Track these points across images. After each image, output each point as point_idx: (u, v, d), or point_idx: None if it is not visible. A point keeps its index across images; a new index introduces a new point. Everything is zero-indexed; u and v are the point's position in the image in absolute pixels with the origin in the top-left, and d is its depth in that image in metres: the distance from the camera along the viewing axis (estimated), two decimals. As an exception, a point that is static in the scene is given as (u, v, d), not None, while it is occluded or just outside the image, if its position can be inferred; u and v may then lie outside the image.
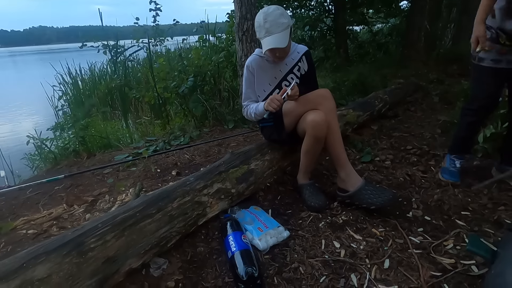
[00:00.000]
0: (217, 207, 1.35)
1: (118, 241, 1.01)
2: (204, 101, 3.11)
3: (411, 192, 1.61)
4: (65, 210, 1.68)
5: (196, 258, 1.21)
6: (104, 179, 2.06)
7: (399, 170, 1.83)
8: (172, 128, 3.17)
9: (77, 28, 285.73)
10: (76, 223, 1.53)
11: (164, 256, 1.18)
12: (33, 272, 0.84)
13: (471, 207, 1.44)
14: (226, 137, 2.65)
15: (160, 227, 1.13)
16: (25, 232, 1.47)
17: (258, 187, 1.60)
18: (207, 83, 3.34)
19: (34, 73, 11.38)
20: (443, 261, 1.13)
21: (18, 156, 3.08)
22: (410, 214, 1.43)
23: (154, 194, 1.23)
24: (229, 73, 3.68)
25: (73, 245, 0.94)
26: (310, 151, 1.53)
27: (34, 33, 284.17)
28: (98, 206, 1.70)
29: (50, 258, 0.89)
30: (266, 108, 1.46)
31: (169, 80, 3.24)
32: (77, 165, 2.42)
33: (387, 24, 7.17)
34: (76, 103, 5.07)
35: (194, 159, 2.26)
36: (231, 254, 1.12)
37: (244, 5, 2.76)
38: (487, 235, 1.25)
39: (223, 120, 3.10)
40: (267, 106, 1.46)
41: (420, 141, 2.23)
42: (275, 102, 1.43)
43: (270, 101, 1.44)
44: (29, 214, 1.66)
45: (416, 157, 1.98)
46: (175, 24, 3.80)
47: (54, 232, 1.45)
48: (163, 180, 1.95)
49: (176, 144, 2.63)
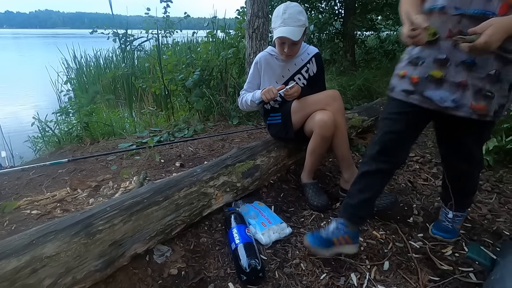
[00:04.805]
0: (222, 199, 1.36)
1: (125, 225, 1.03)
2: (210, 95, 3.12)
3: (412, 199, 1.63)
4: (68, 193, 1.68)
5: (199, 248, 1.22)
6: (108, 165, 2.07)
7: (401, 176, 1.85)
8: (176, 120, 3.18)
9: (83, 14, 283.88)
10: (80, 207, 1.54)
11: (168, 244, 1.20)
12: (42, 249, 0.86)
13: (470, 216, 1.46)
14: (230, 132, 2.66)
15: (167, 214, 1.14)
16: (28, 212, 1.48)
17: (262, 183, 1.61)
18: (214, 78, 3.35)
19: (38, 57, 11.33)
20: (442, 266, 1.15)
21: (18, 138, 3.07)
22: (410, 219, 1.45)
23: (162, 182, 1.24)
24: (236, 69, 3.68)
25: (82, 226, 0.95)
26: (316, 150, 1.55)
27: (39, 16, 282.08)
28: (102, 191, 1.71)
29: (59, 237, 0.90)
30: (262, 94, 1.50)
31: (176, 72, 3.25)
32: (80, 150, 2.42)
33: (395, 32, 7.19)
34: (80, 89, 5.06)
35: (197, 152, 2.27)
36: (235, 246, 1.13)
37: (256, 3, 2.77)
38: (486, 245, 1.28)
39: (228, 115, 3.11)
40: (263, 93, 1.50)
41: (423, 149, 2.26)
42: (270, 93, 1.47)
43: (266, 90, 1.49)
44: (32, 195, 1.67)
45: (418, 165, 2.00)
46: (185, 17, 3.80)
47: (58, 214, 1.46)
48: (166, 170, 1.95)
49: (180, 136, 2.64)
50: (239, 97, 1.73)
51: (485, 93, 0.90)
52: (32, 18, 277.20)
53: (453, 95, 0.93)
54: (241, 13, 4.01)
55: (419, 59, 0.98)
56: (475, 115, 0.92)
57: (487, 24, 0.78)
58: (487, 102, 0.91)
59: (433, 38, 0.92)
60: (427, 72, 0.97)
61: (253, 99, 1.60)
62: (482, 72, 0.89)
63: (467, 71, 0.91)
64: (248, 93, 1.68)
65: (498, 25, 0.78)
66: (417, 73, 0.99)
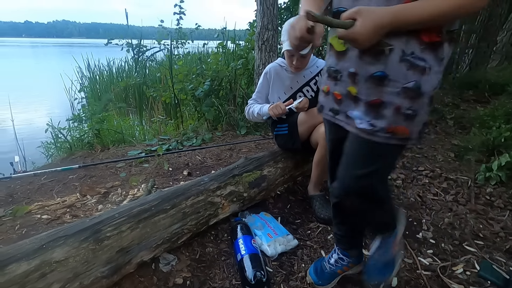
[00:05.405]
0: (228, 209, 1.37)
1: (133, 232, 1.04)
2: (219, 105, 3.16)
3: (421, 214, 1.60)
4: (78, 199, 1.71)
5: (204, 257, 1.22)
6: (117, 172, 2.10)
7: (410, 190, 1.83)
8: (185, 129, 3.22)
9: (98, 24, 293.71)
10: (89, 213, 1.56)
11: (173, 253, 1.20)
12: (52, 253, 0.87)
13: (482, 234, 1.43)
14: (238, 142, 2.68)
15: (173, 223, 1.15)
16: (39, 216, 1.51)
17: (269, 194, 1.61)
18: (223, 88, 3.40)
19: (54, 65, 11.70)
20: (452, 285, 1.12)
21: (31, 143, 3.15)
22: (420, 235, 1.42)
23: (169, 190, 1.26)
24: (245, 80, 3.74)
25: (91, 232, 0.96)
26: (321, 162, 1.54)
27: (57, 26, 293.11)
28: (110, 198, 1.73)
29: (68, 242, 0.91)
30: (269, 110, 1.55)
31: (187, 82, 3.32)
32: (91, 157, 2.47)
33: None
34: (93, 97, 5.19)
35: (205, 161, 2.29)
36: (241, 257, 1.13)
37: (266, 16, 2.83)
38: (498, 263, 1.24)
39: (236, 125, 3.14)
40: (270, 109, 1.54)
41: (432, 163, 2.22)
42: (278, 109, 1.51)
43: (274, 106, 1.53)
44: (43, 200, 1.70)
45: (428, 179, 1.97)
46: (197, 28, 3.91)
47: (67, 219, 1.48)
48: (174, 179, 1.97)
49: (188, 145, 2.67)
50: (246, 106, 1.75)
51: (405, 112, 0.72)
52: (50, 28, 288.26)
53: (367, 116, 0.76)
54: (253, 25, 4.09)
55: (337, 72, 0.82)
56: (395, 139, 0.74)
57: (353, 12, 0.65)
58: (408, 123, 0.73)
59: (344, 47, 0.78)
60: (346, 87, 0.80)
61: (260, 113, 1.62)
62: (397, 86, 0.71)
63: (379, 87, 0.73)
64: (256, 104, 1.70)
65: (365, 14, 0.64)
66: (338, 89, 0.82)
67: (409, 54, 0.69)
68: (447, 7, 0.64)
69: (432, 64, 0.70)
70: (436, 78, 0.72)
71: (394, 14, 0.65)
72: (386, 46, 0.70)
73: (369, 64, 0.73)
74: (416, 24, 0.66)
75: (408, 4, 0.66)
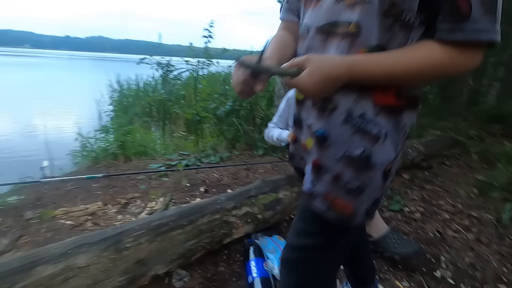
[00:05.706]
0: (242, 229, 1.39)
1: (151, 245, 1.08)
2: (239, 124, 3.25)
3: (440, 250, 1.54)
4: (100, 207, 1.79)
5: (216, 277, 1.24)
6: (137, 184, 2.18)
7: (429, 225, 1.77)
8: (204, 146, 3.31)
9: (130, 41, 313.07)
10: (109, 222, 1.63)
11: (186, 269, 1.23)
12: (75, 259, 0.92)
13: (506, 277, 1.35)
14: (255, 163, 2.71)
15: (189, 239, 1.18)
16: (63, 222, 1.59)
17: (283, 217, 1.62)
18: (243, 108, 3.51)
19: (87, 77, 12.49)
20: (472, 330, 1.07)
21: (59, 150, 3.35)
22: (437, 273, 1.37)
23: (187, 206, 1.30)
24: (265, 101, 3.84)
25: (112, 241, 1.01)
26: None
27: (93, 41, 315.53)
28: (130, 209, 1.80)
29: (91, 250, 0.97)
30: (288, 137, 1.56)
31: (209, 101, 3.45)
32: (114, 167, 2.58)
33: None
34: (121, 109, 5.47)
35: (222, 179, 2.34)
36: (252, 279, 1.13)
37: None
38: (523, 312, 1.17)
39: (253, 145, 3.20)
40: (289, 136, 1.56)
41: (454, 198, 2.15)
42: None
43: None
44: (68, 206, 1.80)
45: (448, 214, 1.90)
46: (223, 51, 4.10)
47: (88, 227, 1.55)
48: (191, 194, 2.02)
49: (206, 162, 2.74)
50: (266, 129, 1.80)
51: (347, 184, 0.60)
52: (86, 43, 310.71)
53: (312, 175, 0.65)
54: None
55: (299, 121, 0.71)
56: (333, 213, 0.62)
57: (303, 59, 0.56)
58: (351, 198, 0.61)
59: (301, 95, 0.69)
60: (305, 138, 0.69)
61: (279, 138, 1.66)
62: (337, 152, 0.60)
63: (321, 146, 0.62)
64: (277, 128, 1.75)
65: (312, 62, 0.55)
66: (303, 138, 0.70)
67: (358, 116, 0.57)
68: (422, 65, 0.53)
69: (388, 131, 0.58)
70: (393, 149, 0.60)
71: (351, 65, 0.54)
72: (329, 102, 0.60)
73: (315, 119, 0.63)
74: (380, 80, 0.55)
75: (374, 55, 0.54)
